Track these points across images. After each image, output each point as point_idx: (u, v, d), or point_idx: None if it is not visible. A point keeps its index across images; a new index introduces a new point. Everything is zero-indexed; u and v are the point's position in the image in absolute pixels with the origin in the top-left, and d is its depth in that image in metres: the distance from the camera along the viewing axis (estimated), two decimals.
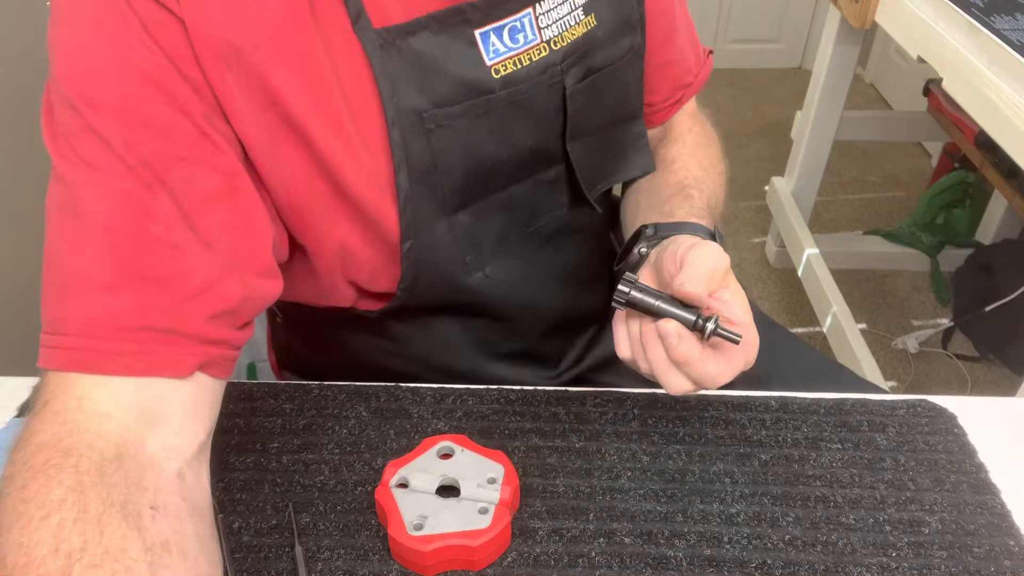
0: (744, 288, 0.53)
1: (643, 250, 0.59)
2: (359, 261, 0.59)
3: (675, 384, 0.50)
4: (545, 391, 0.66)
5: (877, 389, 0.76)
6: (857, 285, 2.11)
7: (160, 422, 0.44)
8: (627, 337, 0.53)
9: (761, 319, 0.63)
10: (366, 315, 0.64)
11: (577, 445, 0.61)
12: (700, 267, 0.49)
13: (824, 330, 1.77)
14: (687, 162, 0.72)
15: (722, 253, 0.51)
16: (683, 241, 0.53)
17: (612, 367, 0.79)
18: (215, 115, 0.47)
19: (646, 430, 0.62)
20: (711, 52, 0.78)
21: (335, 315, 0.65)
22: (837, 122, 1.88)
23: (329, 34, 0.49)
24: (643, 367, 0.52)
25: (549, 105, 0.58)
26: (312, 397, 0.65)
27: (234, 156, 0.48)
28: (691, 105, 0.77)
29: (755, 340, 0.51)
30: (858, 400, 0.65)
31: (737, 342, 0.49)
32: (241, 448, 0.60)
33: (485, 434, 0.61)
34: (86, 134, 0.44)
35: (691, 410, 0.64)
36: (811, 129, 1.90)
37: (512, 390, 0.66)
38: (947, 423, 0.63)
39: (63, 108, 0.45)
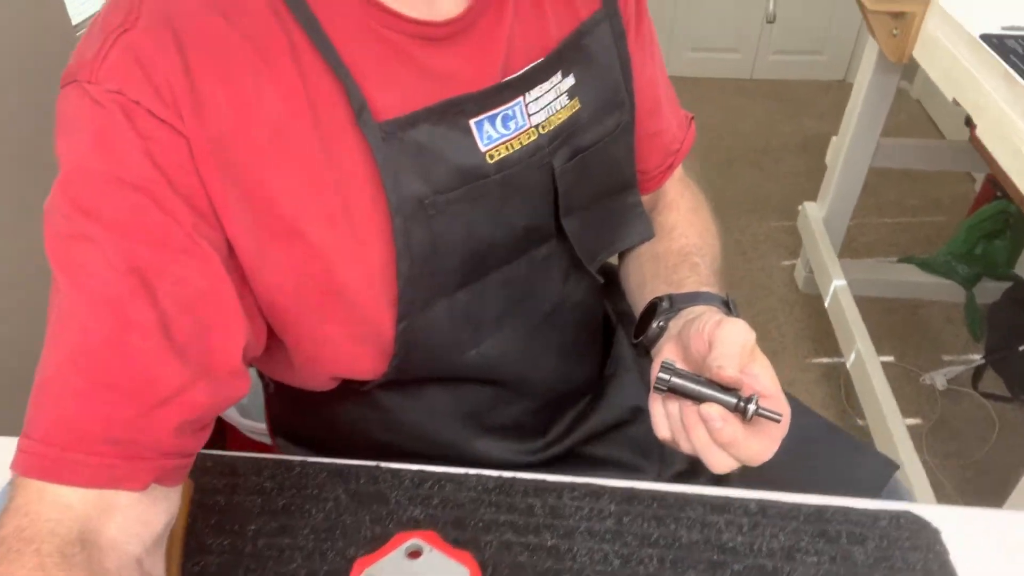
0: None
1: (661, 323, 0.62)
2: (341, 356, 0.60)
3: (720, 463, 0.51)
4: (523, 480, 0.66)
5: (875, 455, 0.79)
6: (888, 314, 2.06)
7: (119, 512, 0.47)
8: (665, 417, 0.55)
9: None
10: (356, 388, 0.65)
11: (549, 543, 0.61)
12: (732, 347, 0.51)
13: (848, 365, 1.73)
14: (686, 229, 0.75)
15: (749, 329, 0.52)
16: (707, 317, 0.55)
17: (600, 439, 0.79)
18: (205, 223, 0.49)
19: (620, 529, 0.62)
20: (692, 119, 0.81)
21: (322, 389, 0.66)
22: (874, 149, 1.83)
23: (328, 130, 0.51)
24: (685, 447, 0.53)
25: (539, 185, 0.61)
26: (294, 475, 0.66)
27: (218, 262, 0.49)
28: (679, 171, 0.80)
29: (789, 412, 0.52)
30: (839, 508, 0.64)
31: (779, 421, 0.50)
32: (219, 528, 0.61)
33: (459, 525, 0.62)
34: (79, 240, 0.46)
35: (669, 508, 0.64)
36: (846, 156, 1.85)
37: (490, 476, 0.66)
38: (929, 538, 0.61)
39: (61, 213, 0.47)
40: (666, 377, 0.52)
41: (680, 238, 0.74)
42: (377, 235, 0.54)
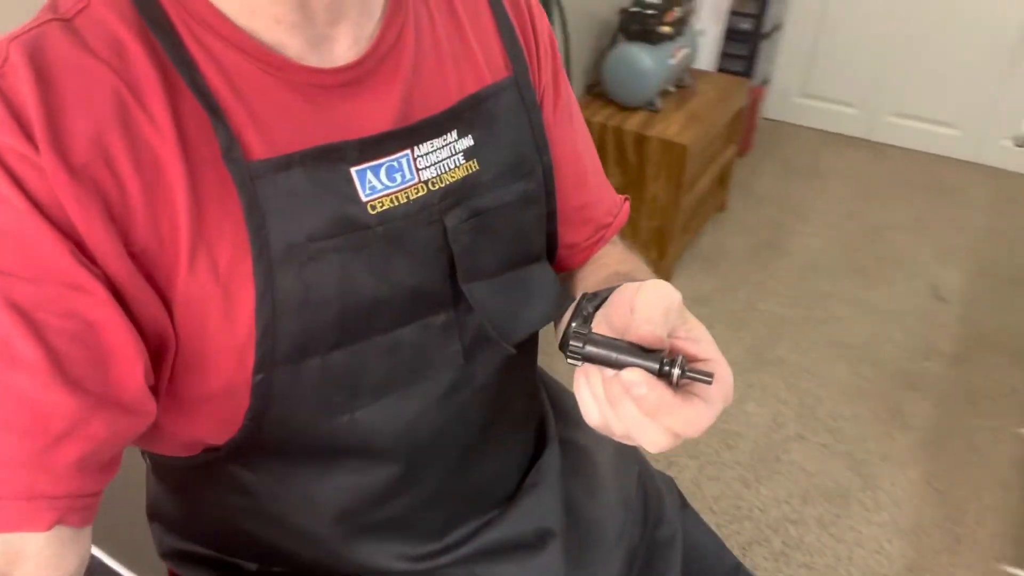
0: None
1: (587, 310, 0.56)
2: (195, 400, 0.56)
3: (654, 440, 0.46)
4: None
5: None
6: None
7: (29, 559, 0.46)
8: (592, 399, 0.49)
9: None
10: (214, 457, 0.61)
11: None
12: (655, 307, 0.47)
13: None
14: (617, 260, 0.73)
15: (672, 289, 0.48)
16: (627, 287, 0.51)
17: (509, 556, 0.72)
18: (83, 254, 0.47)
19: None
20: (627, 199, 0.80)
21: (187, 461, 0.63)
22: None
23: (197, 165, 0.50)
24: (616, 429, 0.48)
25: (430, 244, 0.58)
26: None
27: (103, 291, 0.48)
28: (614, 242, 0.79)
29: (730, 374, 0.49)
30: None
31: (710, 381, 0.45)
32: None
33: None
34: None
35: None
36: None
37: None
38: None
39: None
40: (579, 344, 0.46)
41: (611, 265, 0.72)
42: (240, 277, 0.52)
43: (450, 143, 0.59)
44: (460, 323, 0.62)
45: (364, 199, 0.55)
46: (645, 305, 0.47)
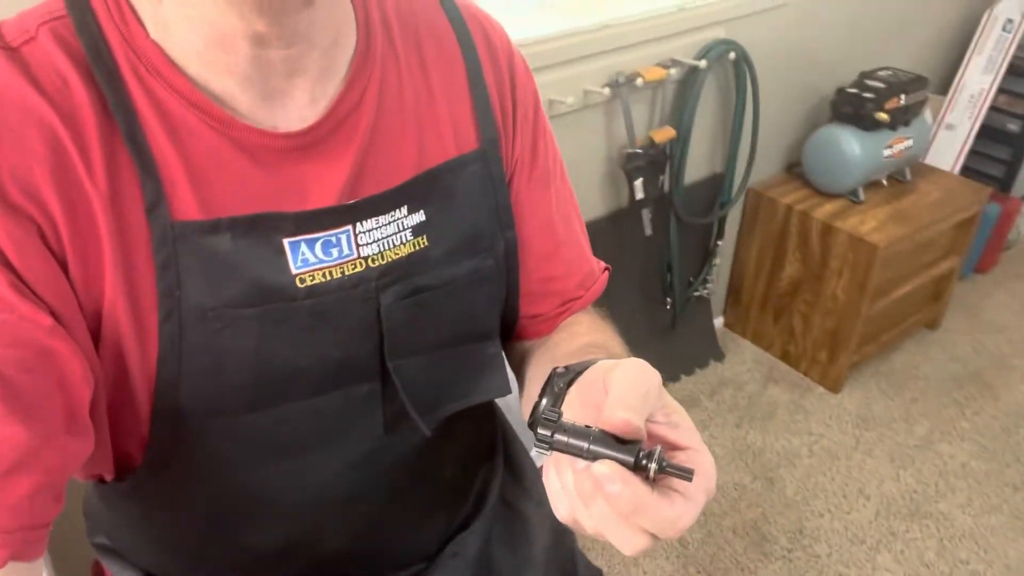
0: None
1: (558, 387, 0.51)
2: (100, 426, 0.55)
3: (627, 543, 0.41)
4: None
5: None
6: None
7: None
8: (562, 492, 0.44)
9: None
10: (117, 488, 0.59)
11: None
12: (631, 389, 0.42)
13: None
14: (589, 330, 0.68)
15: (651, 369, 0.44)
16: (602, 364, 0.47)
17: None
18: (24, 284, 0.47)
19: None
20: (607, 269, 0.74)
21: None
22: None
23: (126, 220, 0.49)
24: (587, 526, 0.42)
25: (361, 319, 0.56)
26: None
27: (49, 320, 0.47)
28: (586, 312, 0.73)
29: (712, 465, 0.44)
30: None
31: (690, 478, 0.40)
32: None
33: None
34: None
35: None
36: None
37: None
38: None
39: None
40: (547, 433, 0.42)
41: (583, 336, 0.66)
42: (149, 332, 0.51)
43: (398, 219, 0.56)
44: (385, 395, 0.59)
45: (294, 271, 0.53)
46: (621, 386, 0.42)
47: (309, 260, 0.53)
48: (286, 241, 0.52)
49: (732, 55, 1.87)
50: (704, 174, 2.12)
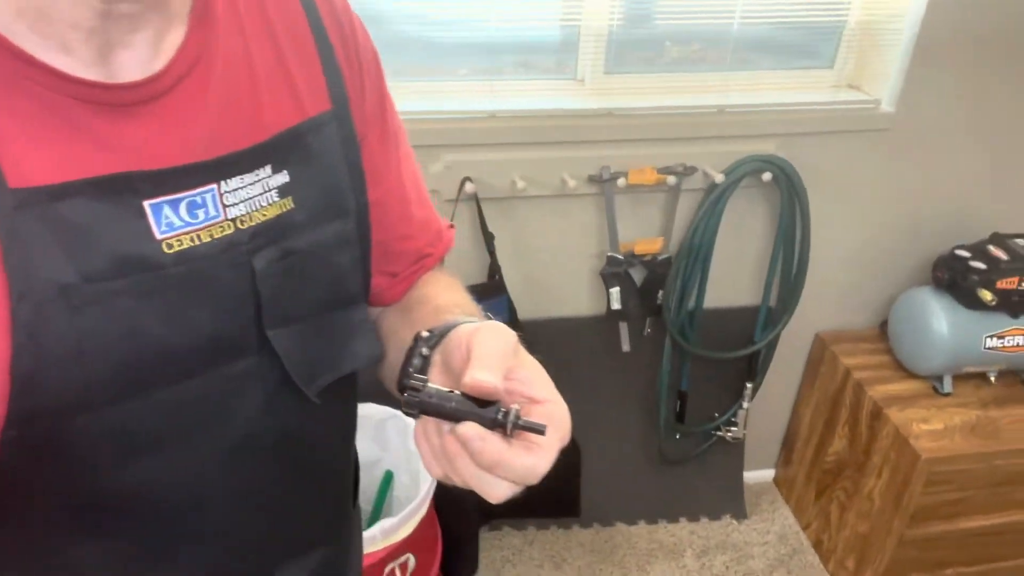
0: None
1: (424, 351, 0.54)
2: None
3: (494, 491, 0.47)
4: None
5: None
6: None
7: None
8: (432, 454, 0.49)
9: None
10: None
11: None
12: (489, 352, 0.47)
13: None
14: (442, 292, 0.69)
15: (507, 330, 0.49)
16: (463, 330, 0.50)
17: None
18: None
19: None
20: (452, 225, 0.76)
21: None
22: None
23: None
24: (457, 481, 0.48)
25: (235, 287, 0.53)
26: None
27: None
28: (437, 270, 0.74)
29: (565, 414, 0.48)
30: None
31: (542, 432, 0.46)
32: None
33: None
34: None
35: None
36: None
37: None
38: None
39: None
40: (414, 398, 0.47)
41: (436, 298, 0.66)
42: (5, 320, 0.44)
43: (263, 179, 0.53)
44: (262, 370, 0.56)
45: (158, 236, 0.48)
46: (481, 350, 0.47)
47: (174, 224, 0.49)
48: (147, 204, 0.48)
49: (768, 176, 1.56)
50: (735, 303, 1.80)
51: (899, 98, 1.59)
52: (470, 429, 0.45)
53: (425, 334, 0.53)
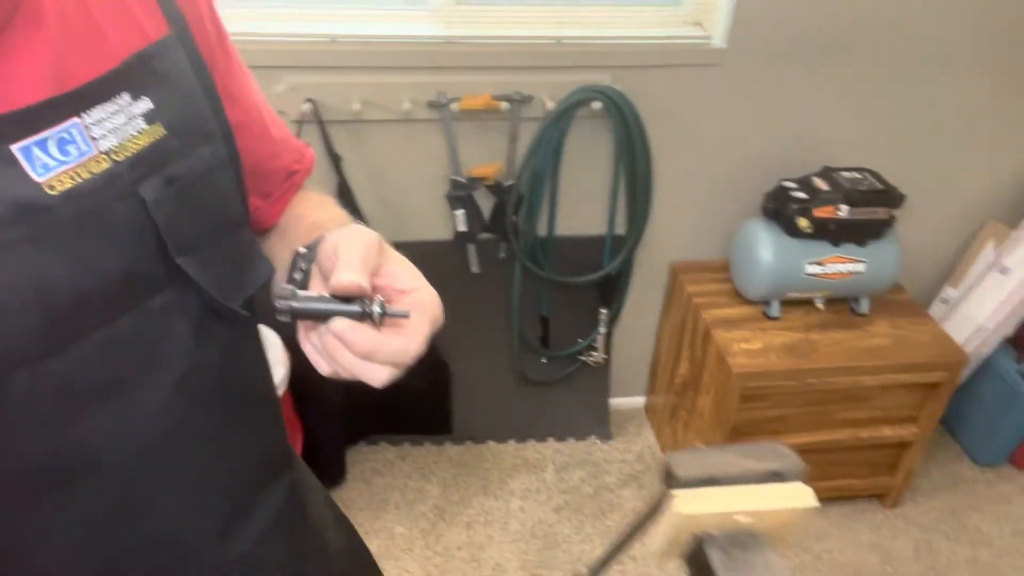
0: None
1: (302, 267, 0.57)
2: None
3: (376, 376, 0.51)
4: None
5: None
6: None
7: None
8: (317, 354, 0.54)
9: None
10: None
11: None
12: (352, 253, 0.51)
13: None
14: (315, 211, 0.73)
15: (368, 231, 0.53)
16: (331, 236, 0.55)
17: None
18: None
19: None
20: (307, 144, 0.79)
21: None
22: None
23: None
24: (344, 374, 0.53)
25: (131, 220, 0.53)
26: None
27: None
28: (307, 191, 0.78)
29: (432, 298, 0.53)
30: None
31: (407, 315, 0.51)
32: None
33: None
34: None
35: None
36: None
37: None
38: None
39: None
40: (284, 304, 0.51)
41: (309, 216, 0.71)
42: None
43: (124, 107, 0.53)
44: (181, 302, 0.57)
45: (37, 179, 0.48)
46: (346, 252, 0.52)
47: (49, 164, 0.49)
48: (14, 148, 0.47)
49: (598, 105, 1.65)
50: (589, 232, 1.90)
51: (729, 34, 1.66)
52: (341, 324, 0.49)
53: (302, 250, 0.57)
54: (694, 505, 0.53)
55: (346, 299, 0.51)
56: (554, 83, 1.66)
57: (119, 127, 0.52)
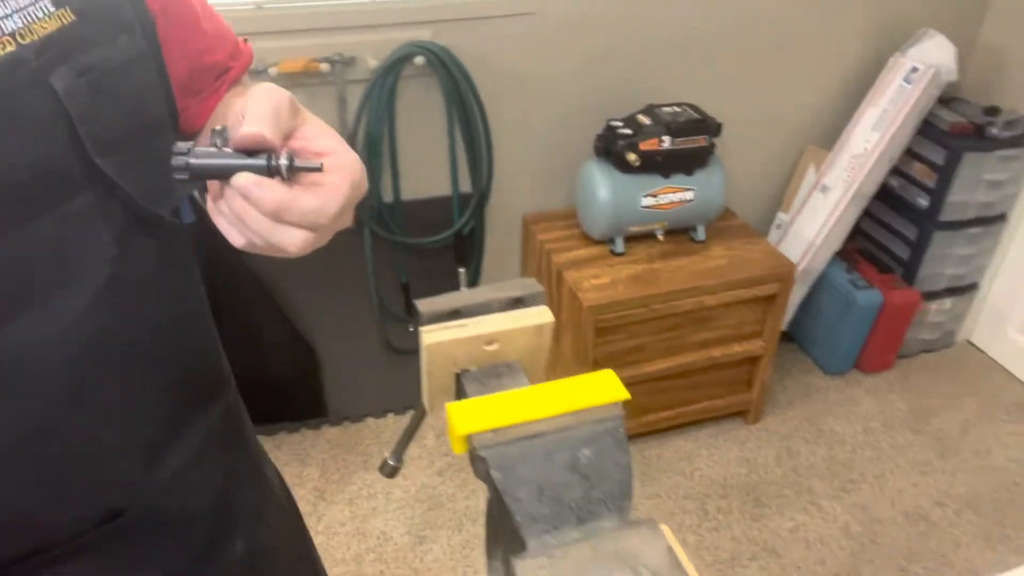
0: None
1: (217, 143, 0.51)
2: None
3: (290, 240, 0.48)
4: None
5: None
6: None
7: None
8: (227, 221, 0.50)
9: None
10: None
11: None
12: (261, 109, 0.47)
13: None
14: (249, 97, 0.64)
15: (279, 89, 0.49)
16: (239, 100, 0.51)
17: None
18: None
19: None
20: (247, 40, 0.76)
21: None
22: None
23: None
24: (257, 241, 0.49)
25: (39, 110, 0.49)
26: None
27: None
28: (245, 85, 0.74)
29: (351, 161, 0.50)
30: None
31: (319, 168, 0.47)
32: None
33: None
34: None
35: None
36: None
37: None
38: None
39: None
40: (180, 162, 0.47)
41: (237, 103, 0.62)
42: None
43: None
44: (103, 207, 0.53)
45: None
46: (251, 107, 0.47)
47: None
48: None
49: (421, 60, 1.67)
50: (436, 193, 1.92)
51: None
52: (244, 178, 0.46)
53: (218, 127, 0.52)
54: (439, 335, 0.55)
55: (252, 154, 0.47)
56: (376, 42, 1.66)
57: (24, 8, 0.48)
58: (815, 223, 2.14)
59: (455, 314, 0.56)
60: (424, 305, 0.56)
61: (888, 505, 1.92)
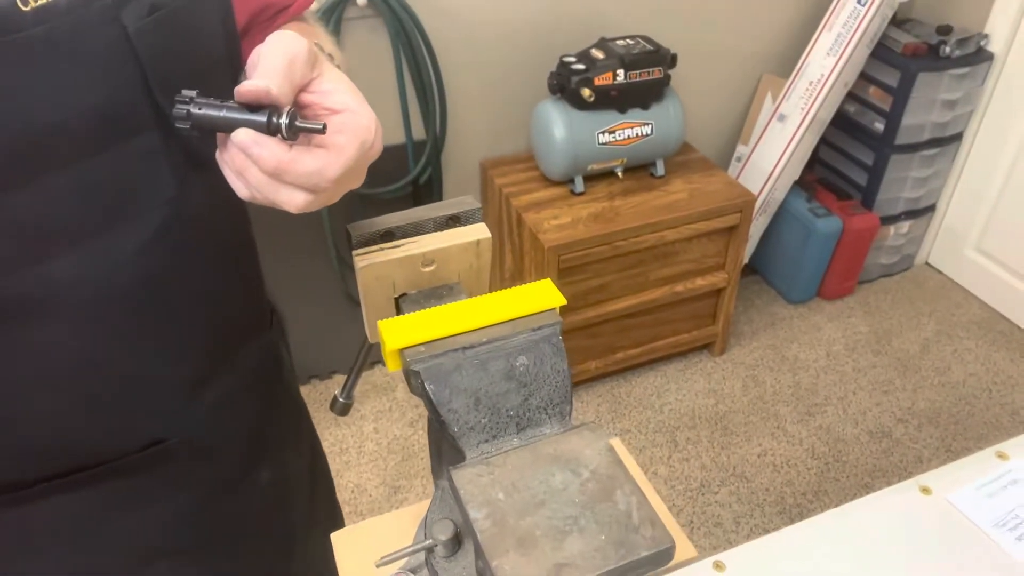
0: None
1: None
2: None
3: (287, 199, 0.46)
4: None
5: None
6: None
7: None
8: (233, 173, 0.48)
9: None
10: None
11: None
12: (274, 59, 0.45)
13: None
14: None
15: (298, 38, 0.46)
16: (260, 45, 0.47)
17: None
18: None
19: None
20: None
21: None
22: None
23: None
24: (259, 197, 0.47)
25: (110, 49, 0.48)
26: None
27: None
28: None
29: (365, 122, 0.47)
30: None
31: (321, 130, 0.45)
32: None
33: None
34: None
35: None
36: None
37: None
38: None
39: None
40: (181, 110, 0.45)
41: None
42: None
43: None
44: (165, 145, 0.53)
45: None
46: (263, 59, 0.45)
47: None
48: None
49: (363, 1, 1.61)
50: (391, 141, 1.87)
51: None
52: (243, 135, 0.44)
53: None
54: (372, 257, 0.53)
55: (255, 109, 0.45)
56: None
57: None
58: (774, 153, 2.14)
59: (388, 235, 0.54)
60: (355, 228, 0.54)
61: (852, 425, 1.96)
